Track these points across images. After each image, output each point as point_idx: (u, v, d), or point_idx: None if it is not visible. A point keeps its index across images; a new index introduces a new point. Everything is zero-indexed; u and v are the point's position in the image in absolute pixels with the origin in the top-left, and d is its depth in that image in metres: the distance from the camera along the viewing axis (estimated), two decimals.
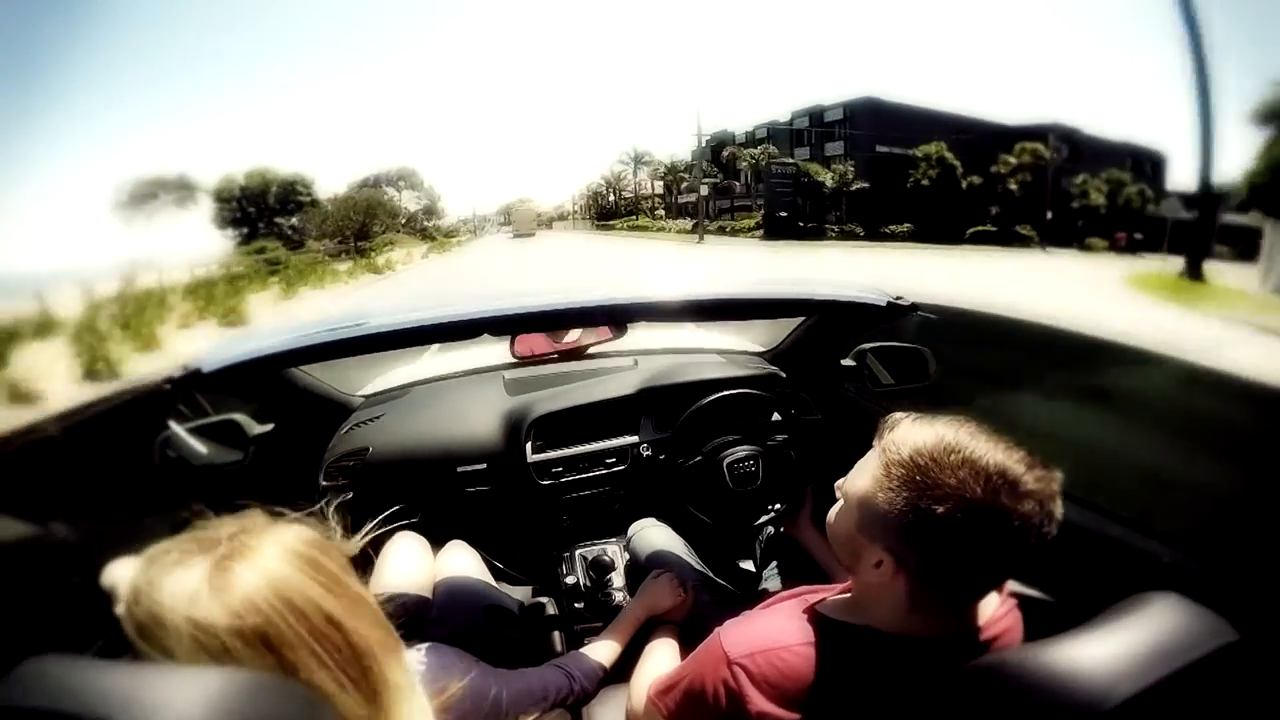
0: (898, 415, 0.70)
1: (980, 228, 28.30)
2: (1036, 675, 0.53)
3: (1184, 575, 0.84)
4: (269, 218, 37.45)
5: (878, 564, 0.67)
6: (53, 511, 1.09)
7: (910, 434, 0.66)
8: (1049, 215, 27.46)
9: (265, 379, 1.40)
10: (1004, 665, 0.56)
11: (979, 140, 29.37)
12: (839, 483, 0.75)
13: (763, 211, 31.25)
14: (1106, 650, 0.54)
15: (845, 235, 29.50)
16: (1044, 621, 0.72)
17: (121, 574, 0.71)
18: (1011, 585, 0.75)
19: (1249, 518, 0.81)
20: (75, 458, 1.17)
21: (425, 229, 48.25)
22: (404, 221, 47.02)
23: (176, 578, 0.58)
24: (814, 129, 34.00)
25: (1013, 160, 29.05)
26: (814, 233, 29.53)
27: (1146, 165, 31.74)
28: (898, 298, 1.23)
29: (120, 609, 0.59)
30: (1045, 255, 25.48)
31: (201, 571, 0.58)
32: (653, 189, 49.90)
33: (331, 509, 0.76)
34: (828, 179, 30.52)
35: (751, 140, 37.86)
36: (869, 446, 0.72)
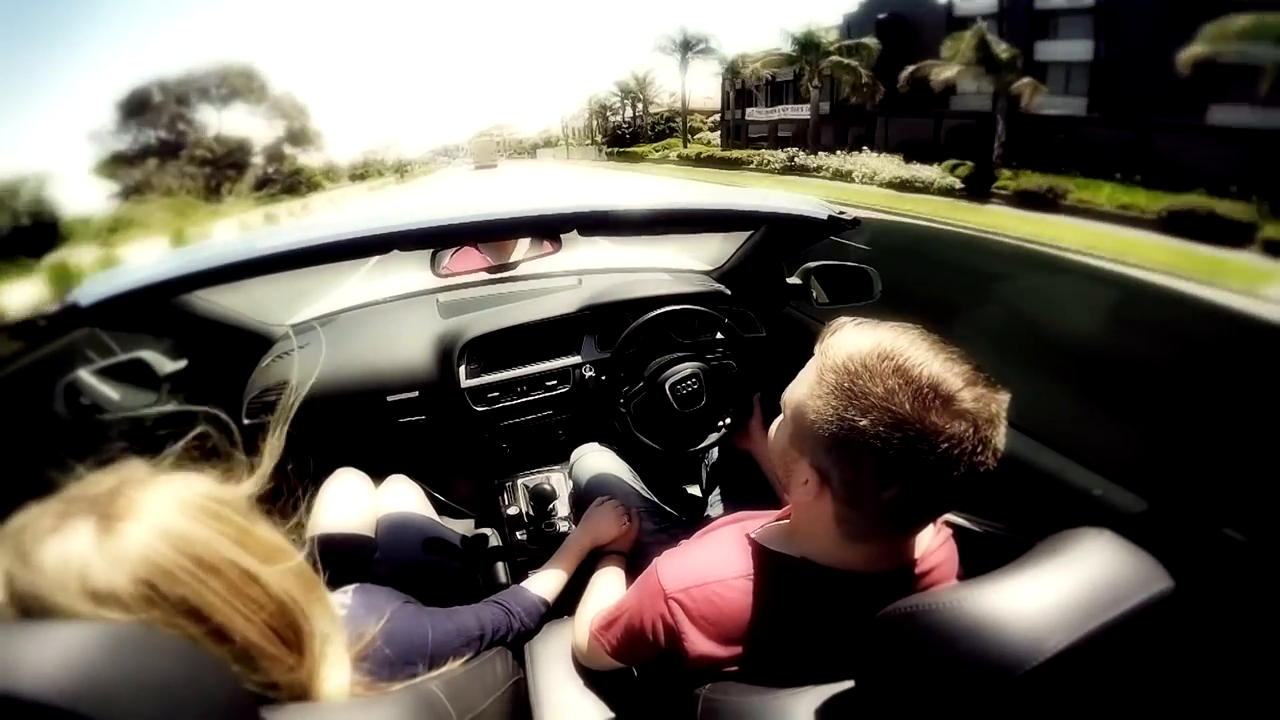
0: (842, 319, 0.64)
1: None
2: (965, 621, 0.49)
3: (1116, 510, 0.85)
4: None
5: (805, 481, 0.63)
6: None
7: (848, 338, 0.61)
8: None
9: (164, 312, 1.28)
10: (931, 609, 0.51)
11: None
12: (784, 395, 0.69)
13: None
14: (1039, 595, 0.49)
15: None
16: (977, 554, 0.70)
17: None
18: (948, 516, 0.73)
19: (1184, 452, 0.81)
20: None
21: (295, 174, 29.31)
22: (263, 162, 28.63)
23: (56, 549, 0.49)
24: None
25: None
26: None
27: None
28: (840, 212, 1.19)
29: None
30: None
31: (86, 536, 0.50)
32: (727, 100, 28.33)
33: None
34: None
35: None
36: None
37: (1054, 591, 0.49)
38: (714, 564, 0.73)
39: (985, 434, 0.55)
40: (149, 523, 0.53)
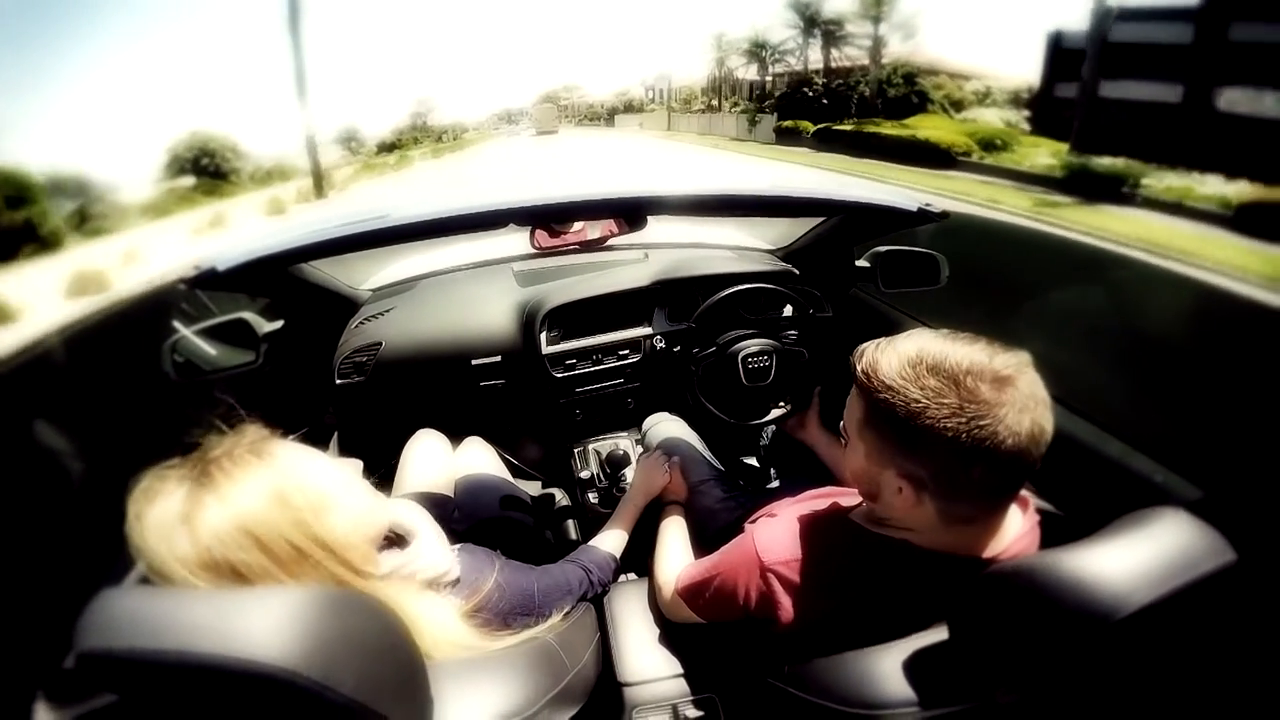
0: (862, 346, 0.71)
1: None
2: (1065, 577, 0.56)
3: (1174, 496, 0.89)
4: None
5: (899, 490, 0.68)
6: (61, 430, 1.08)
7: (877, 360, 0.68)
8: None
9: (279, 276, 1.35)
10: (1034, 567, 0.58)
11: None
12: (842, 424, 0.76)
13: None
14: (1128, 558, 0.56)
15: None
16: (1051, 534, 0.75)
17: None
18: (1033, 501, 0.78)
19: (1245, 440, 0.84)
20: (81, 371, 1.16)
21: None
22: None
23: (157, 510, 0.59)
24: None
25: None
26: None
27: None
28: (928, 204, 1.21)
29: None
30: None
31: (177, 503, 0.59)
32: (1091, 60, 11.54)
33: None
34: None
35: None
36: None
37: (1139, 555, 0.57)
38: (812, 538, 0.78)
39: (1031, 388, 0.62)
40: (225, 499, 0.61)
